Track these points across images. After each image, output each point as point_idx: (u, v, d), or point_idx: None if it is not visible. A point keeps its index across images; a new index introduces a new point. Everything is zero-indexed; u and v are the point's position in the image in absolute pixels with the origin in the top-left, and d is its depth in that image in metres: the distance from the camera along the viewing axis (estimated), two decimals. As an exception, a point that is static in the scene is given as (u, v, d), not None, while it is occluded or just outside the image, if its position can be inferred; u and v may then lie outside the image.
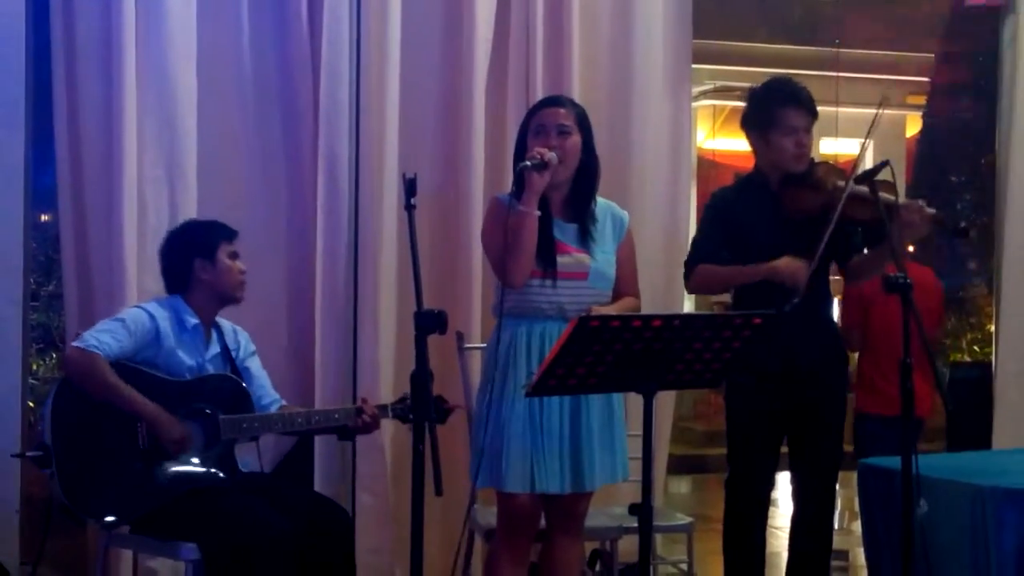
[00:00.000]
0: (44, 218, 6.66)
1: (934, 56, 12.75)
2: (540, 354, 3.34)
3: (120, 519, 3.48)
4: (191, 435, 3.49)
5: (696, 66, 5.16)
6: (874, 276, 3.91)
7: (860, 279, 4.01)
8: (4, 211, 4.28)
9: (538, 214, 3.33)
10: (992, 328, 5.82)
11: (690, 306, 8.32)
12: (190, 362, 3.58)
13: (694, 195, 7.18)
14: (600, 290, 3.46)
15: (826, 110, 3.94)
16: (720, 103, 13.00)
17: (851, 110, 11.02)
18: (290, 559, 3.37)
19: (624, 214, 3.60)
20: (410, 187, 3.11)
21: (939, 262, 10.78)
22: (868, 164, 3.71)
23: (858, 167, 3.73)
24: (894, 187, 3.73)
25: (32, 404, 4.89)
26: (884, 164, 3.61)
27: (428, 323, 2.99)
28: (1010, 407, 5.19)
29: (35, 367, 6.61)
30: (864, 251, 3.90)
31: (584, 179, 3.48)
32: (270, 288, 4.47)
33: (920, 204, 3.69)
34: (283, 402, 3.78)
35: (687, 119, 5.02)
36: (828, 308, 3.94)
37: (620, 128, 4.77)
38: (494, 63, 4.64)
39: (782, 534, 4.32)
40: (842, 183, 3.71)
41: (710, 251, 3.86)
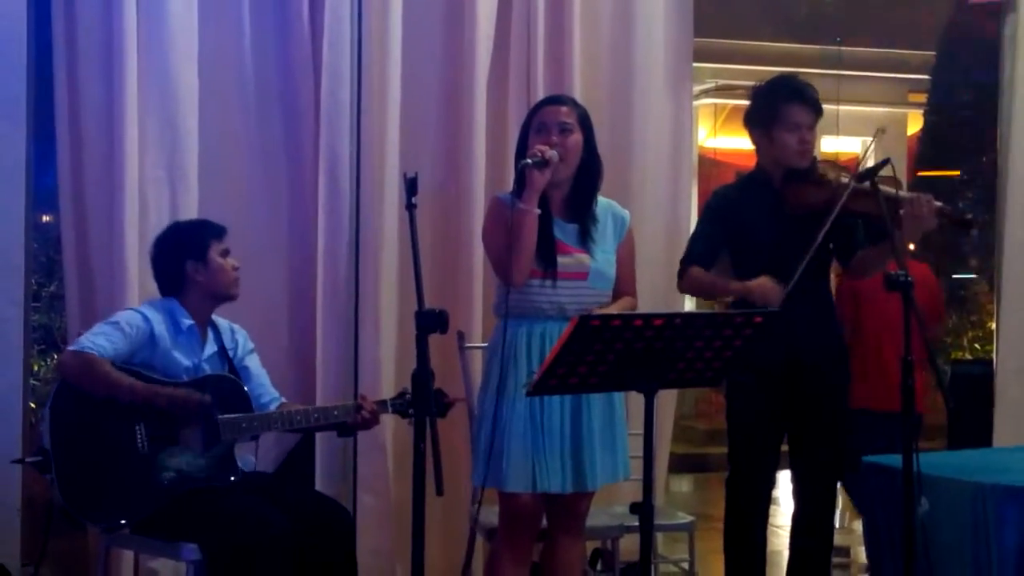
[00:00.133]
0: (45, 219, 6.66)
1: (935, 54, 12.74)
2: (541, 354, 3.34)
3: (120, 523, 3.46)
4: (189, 437, 3.46)
5: (697, 64, 5.16)
6: (878, 272, 3.91)
7: (864, 276, 4.00)
8: (5, 212, 4.27)
9: (538, 212, 3.33)
10: (993, 326, 5.82)
11: (691, 305, 8.30)
12: (186, 363, 3.57)
13: (695, 194, 7.18)
14: (600, 290, 3.46)
15: (828, 108, 3.94)
16: (721, 102, 13.00)
17: (853, 108, 11.02)
18: (291, 559, 3.37)
19: (625, 213, 3.59)
20: (411, 186, 3.11)
21: (940, 259, 10.80)
22: (868, 162, 3.72)
23: (861, 166, 3.73)
24: (899, 183, 3.72)
25: (33, 405, 4.89)
26: (885, 162, 3.61)
27: (429, 322, 2.99)
28: (1011, 404, 5.18)
29: (36, 368, 6.60)
30: (866, 248, 3.90)
31: (585, 178, 3.47)
32: (271, 287, 4.47)
33: (928, 197, 3.69)
34: (283, 400, 3.77)
35: (688, 117, 5.02)
36: (830, 305, 3.94)
37: (621, 126, 4.77)
38: (495, 61, 4.64)
39: (783, 533, 4.32)
40: (845, 179, 3.71)
41: (705, 251, 3.86)
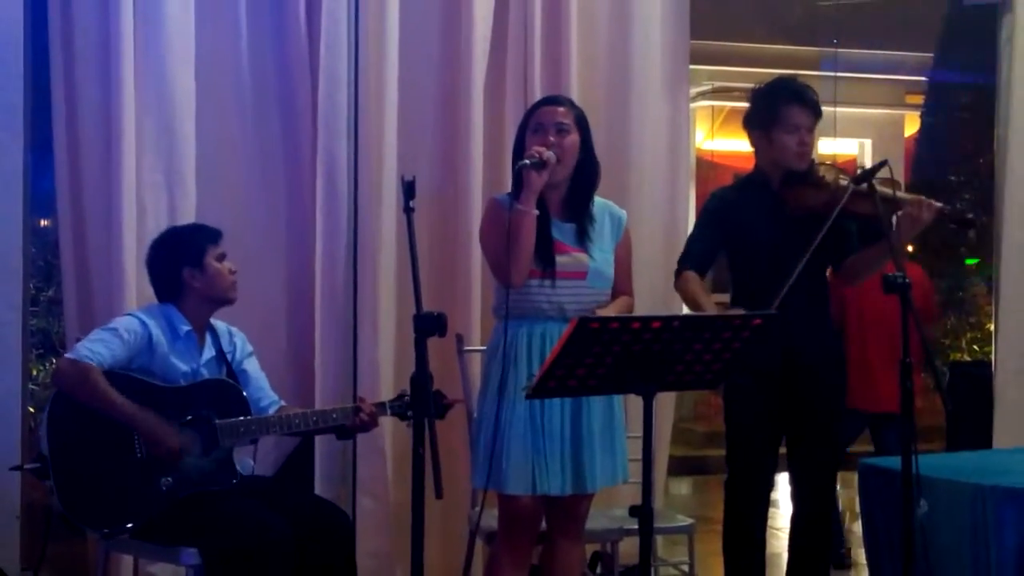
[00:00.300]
0: (43, 223, 6.65)
1: (932, 55, 12.75)
2: (541, 355, 3.34)
3: (120, 529, 3.45)
4: (187, 444, 3.45)
5: (694, 67, 5.17)
6: (869, 277, 3.91)
7: (856, 280, 3.99)
8: (3, 216, 4.27)
9: (536, 213, 3.34)
10: (991, 327, 5.82)
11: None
12: (184, 368, 3.56)
13: (693, 196, 7.17)
14: (599, 289, 3.46)
15: (825, 110, 3.94)
16: (719, 104, 12.99)
17: (849, 110, 11.02)
18: (290, 562, 3.36)
19: (622, 213, 3.60)
20: (408, 190, 3.11)
21: (939, 261, 10.79)
22: (866, 164, 3.72)
23: (858, 167, 3.74)
24: (898, 184, 3.73)
25: (32, 410, 4.89)
26: (882, 164, 3.61)
27: (427, 326, 2.99)
28: (1010, 405, 5.18)
29: (35, 372, 6.59)
30: (859, 251, 3.90)
31: (582, 179, 3.48)
32: (270, 290, 4.47)
33: (928, 201, 3.69)
34: (282, 403, 3.76)
35: (685, 119, 5.02)
36: (826, 307, 3.93)
37: (618, 128, 4.77)
38: (492, 63, 4.64)
39: (783, 535, 4.32)
40: (844, 181, 3.72)
41: (702, 252, 3.86)
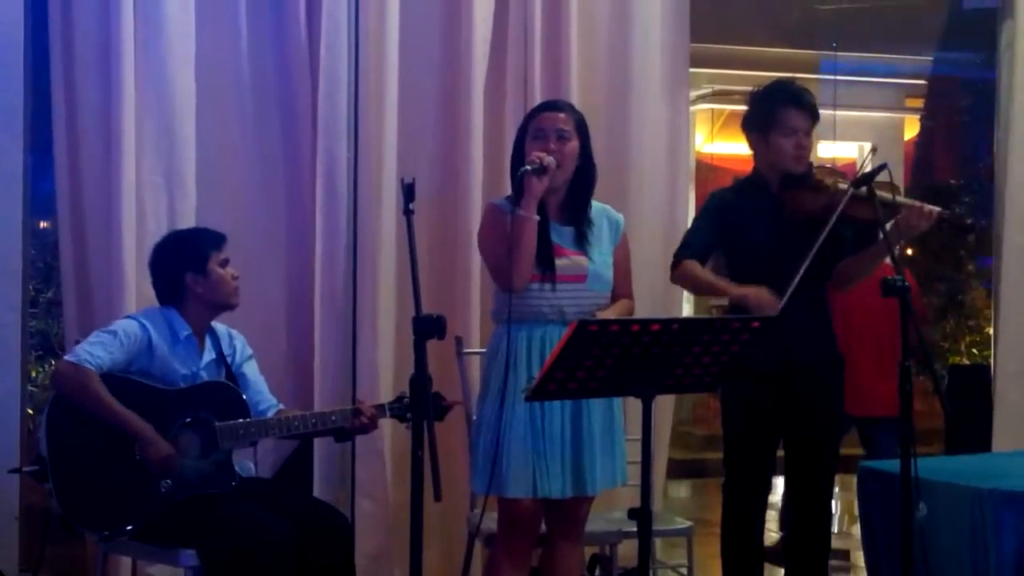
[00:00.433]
0: (43, 225, 6.65)
1: (932, 59, 12.76)
2: (541, 358, 3.33)
3: (119, 531, 3.45)
4: (178, 455, 3.43)
5: (694, 70, 5.17)
6: (859, 281, 3.91)
7: (846, 285, 3.97)
8: (3, 218, 4.27)
9: (537, 219, 3.34)
10: (991, 331, 5.82)
11: (689, 309, 8.29)
12: (184, 371, 3.56)
13: (692, 198, 7.17)
14: (599, 292, 3.46)
15: (824, 113, 3.94)
16: (718, 107, 12.99)
17: (849, 113, 11.02)
18: (289, 565, 3.36)
19: (620, 217, 3.60)
20: (408, 192, 3.10)
21: (938, 265, 10.79)
22: (866, 167, 3.72)
23: (858, 170, 3.73)
24: (895, 187, 3.73)
25: (31, 411, 4.89)
26: (882, 167, 3.61)
27: (427, 328, 2.99)
28: (1011, 408, 5.18)
29: (34, 374, 6.59)
30: (852, 256, 3.90)
31: (580, 183, 3.49)
32: (269, 292, 4.47)
33: (927, 207, 3.70)
34: (280, 406, 3.76)
35: (685, 122, 5.02)
36: (826, 310, 3.93)
37: (618, 131, 4.77)
38: (492, 65, 4.65)
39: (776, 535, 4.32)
40: (843, 184, 3.71)
41: (700, 245, 3.84)
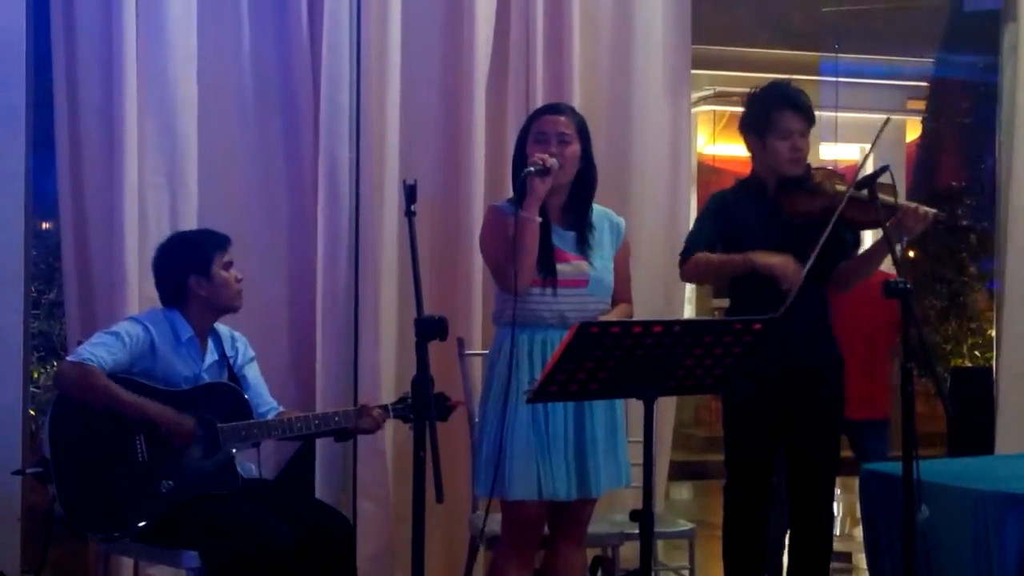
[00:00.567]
0: (45, 226, 6.64)
1: (933, 61, 12.75)
2: (542, 362, 3.33)
3: (122, 533, 3.45)
4: (196, 427, 3.47)
5: (696, 72, 5.16)
6: (858, 283, 3.92)
7: (846, 287, 3.97)
8: (5, 219, 4.28)
9: (540, 220, 3.34)
10: (992, 333, 5.82)
11: (691, 311, 8.30)
12: (187, 373, 3.56)
13: (694, 200, 7.16)
14: (600, 297, 3.46)
15: (826, 115, 3.94)
16: (720, 109, 12.98)
17: (851, 115, 11.01)
18: (291, 566, 3.36)
19: (621, 220, 3.60)
20: (410, 193, 3.11)
21: (941, 267, 10.78)
22: (869, 170, 3.72)
23: (859, 173, 3.73)
24: (895, 190, 3.73)
25: (33, 412, 4.89)
26: (884, 169, 3.61)
27: (429, 329, 2.99)
28: (1013, 410, 5.17)
29: (36, 375, 6.59)
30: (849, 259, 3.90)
31: (581, 186, 3.49)
32: (271, 294, 4.47)
33: (923, 208, 3.70)
34: (280, 409, 3.75)
35: (687, 124, 5.02)
36: (827, 312, 3.93)
37: (620, 133, 4.77)
38: (494, 67, 4.64)
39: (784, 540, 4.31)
40: (841, 187, 3.71)
41: (706, 241, 3.82)
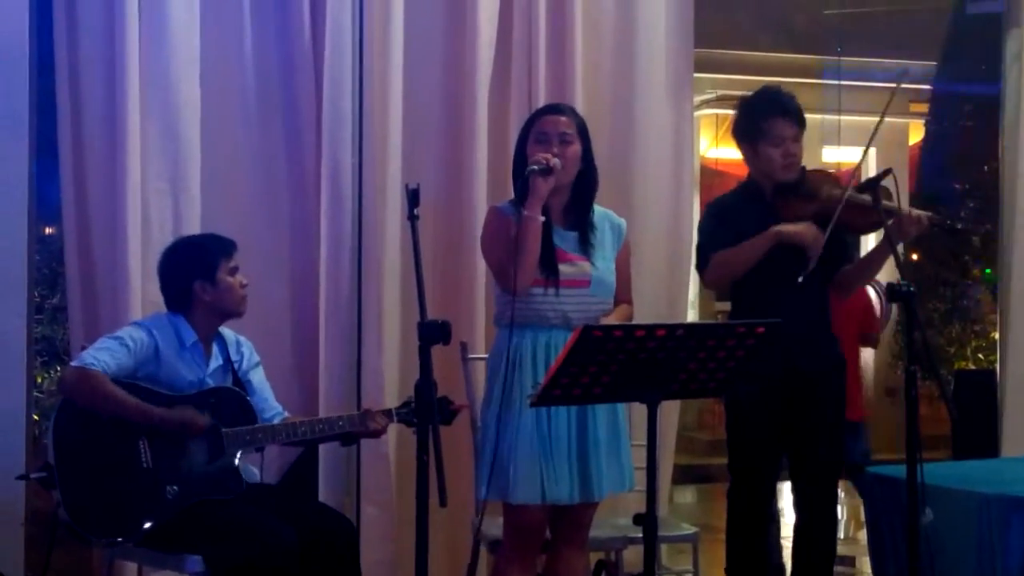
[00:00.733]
0: (48, 231, 6.65)
1: (936, 64, 12.75)
2: (545, 363, 3.33)
3: (126, 538, 3.45)
4: (205, 417, 3.47)
5: (698, 75, 5.16)
6: (859, 287, 3.92)
7: (848, 291, 3.98)
8: (8, 224, 4.28)
9: (542, 219, 3.35)
10: (996, 335, 5.81)
11: (694, 315, 8.29)
12: (191, 378, 3.56)
13: (697, 203, 7.17)
14: (602, 298, 3.46)
15: (829, 119, 3.94)
16: (723, 112, 12.99)
17: (853, 118, 11.01)
18: (295, 570, 3.36)
19: (622, 221, 3.61)
20: (413, 197, 3.11)
21: (944, 270, 10.78)
22: (869, 171, 3.72)
23: (856, 174, 3.74)
24: (890, 193, 3.73)
25: (37, 417, 4.89)
26: (886, 172, 3.61)
27: (432, 333, 2.99)
28: (1017, 413, 5.16)
29: (39, 380, 6.59)
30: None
31: (583, 187, 3.50)
32: (274, 298, 4.47)
33: (917, 213, 3.71)
34: (285, 414, 3.75)
35: (689, 127, 5.02)
36: (828, 315, 3.93)
37: (622, 135, 4.77)
38: (496, 69, 4.64)
39: (787, 543, 4.31)
40: (837, 191, 3.71)
41: (720, 243, 3.81)
